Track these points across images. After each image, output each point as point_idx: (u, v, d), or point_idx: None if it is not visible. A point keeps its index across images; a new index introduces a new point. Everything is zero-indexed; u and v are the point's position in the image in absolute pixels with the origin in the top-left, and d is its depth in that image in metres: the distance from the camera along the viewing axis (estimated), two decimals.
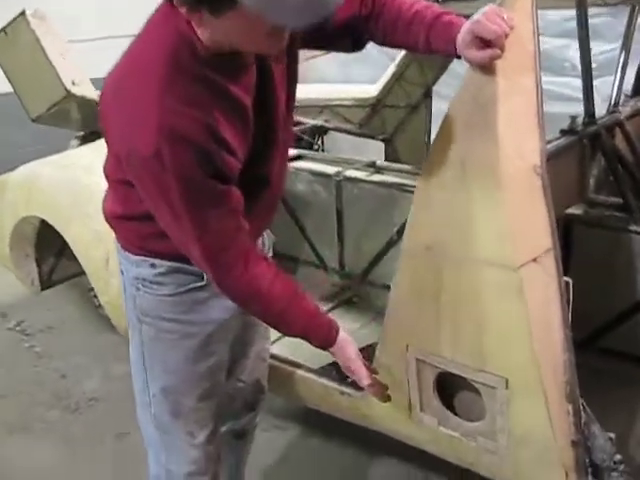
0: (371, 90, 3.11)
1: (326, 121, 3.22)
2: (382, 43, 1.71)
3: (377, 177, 2.66)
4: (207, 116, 1.27)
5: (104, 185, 1.60)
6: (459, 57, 1.54)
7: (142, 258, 1.54)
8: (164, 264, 1.52)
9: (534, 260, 1.58)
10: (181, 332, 1.58)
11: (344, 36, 1.67)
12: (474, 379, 1.71)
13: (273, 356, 2.11)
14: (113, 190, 1.54)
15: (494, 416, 1.72)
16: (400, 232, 2.55)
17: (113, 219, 1.56)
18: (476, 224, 1.58)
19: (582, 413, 1.65)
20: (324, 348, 1.59)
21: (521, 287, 1.56)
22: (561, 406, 1.63)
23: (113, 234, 1.62)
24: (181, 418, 1.66)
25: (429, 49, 1.58)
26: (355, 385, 1.99)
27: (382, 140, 3.22)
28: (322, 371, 2.11)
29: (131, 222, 1.52)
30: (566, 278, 1.63)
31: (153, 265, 1.53)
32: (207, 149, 1.27)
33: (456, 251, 1.63)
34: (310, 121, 3.22)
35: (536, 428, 1.65)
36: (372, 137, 3.23)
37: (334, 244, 2.79)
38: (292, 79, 1.53)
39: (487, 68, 1.52)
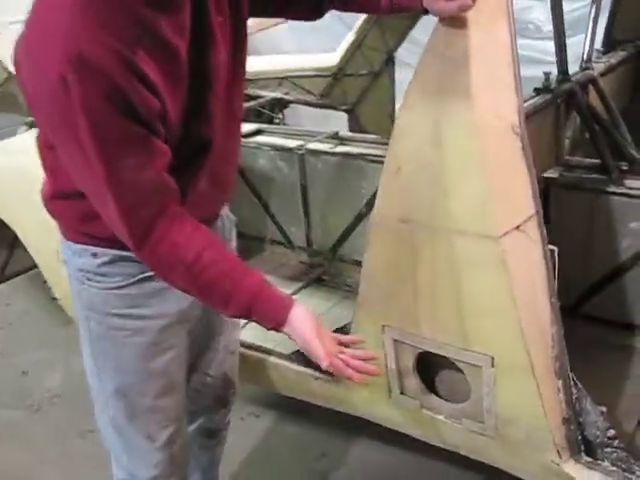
0: (331, 59, 2.92)
1: (286, 93, 3.03)
2: (342, 8, 1.55)
3: (341, 149, 2.49)
4: (124, 46, 1.09)
5: None
6: (426, 12, 1.38)
7: (83, 247, 1.36)
8: (107, 252, 1.35)
9: (517, 228, 1.44)
10: (132, 328, 1.42)
11: (302, 1, 1.51)
12: (457, 358, 1.57)
13: (242, 343, 1.95)
14: (43, 164, 1.36)
15: (480, 396, 1.58)
16: (369, 205, 2.40)
17: (49, 201, 1.38)
18: (453, 192, 1.43)
19: (572, 388, 1.53)
20: (276, 329, 1.32)
21: (504, 258, 1.41)
22: (551, 383, 1.50)
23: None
24: (139, 419, 1.49)
25: (393, 8, 1.43)
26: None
27: (345, 111, 3.04)
28: (294, 357, 1.96)
29: (65, 201, 1.33)
30: (551, 246, 1.50)
31: (95, 254, 1.36)
32: (120, 82, 1.09)
33: (432, 222, 1.47)
34: (269, 94, 3.04)
35: (525, 407, 1.51)
36: (334, 108, 3.06)
37: (300, 221, 2.63)
38: (238, 43, 1.36)
39: (457, 20, 1.36)
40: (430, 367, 1.70)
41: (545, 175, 1.96)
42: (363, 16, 2.78)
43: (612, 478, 1.49)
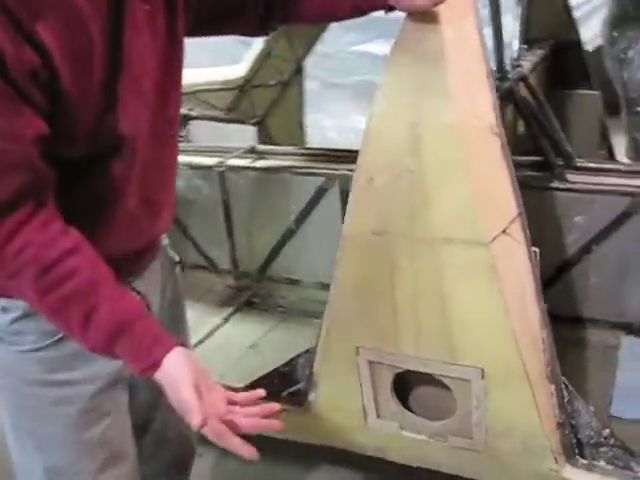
0: (238, 71, 2.75)
1: (190, 110, 2.83)
2: (295, 21, 1.42)
3: (262, 163, 2.33)
4: None
5: None
6: (391, 9, 1.26)
7: None
8: (19, 305, 1.11)
9: (504, 232, 1.35)
10: (54, 397, 1.17)
11: (248, 13, 1.33)
12: (443, 374, 1.46)
13: None
14: None
15: (468, 411, 1.48)
16: (299, 220, 2.26)
17: None
18: (435, 199, 1.32)
19: (564, 391, 1.45)
20: (144, 373, 1.04)
21: (494, 264, 1.32)
22: (544, 388, 1.42)
23: None
24: None
25: (355, 11, 1.30)
26: (294, 398, 1.70)
27: (253, 124, 2.89)
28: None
29: None
30: (533, 247, 1.42)
31: (5, 309, 1.12)
32: None
33: (412, 232, 1.35)
34: None
35: (520, 417, 1.42)
36: (242, 122, 2.89)
37: (224, 242, 2.44)
38: (172, 42, 1.16)
39: (428, 16, 1.25)
40: (404, 386, 1.58)
41: None
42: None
43: (612, 478, 1.43)
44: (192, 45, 1.27)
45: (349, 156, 2.05)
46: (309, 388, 1.65)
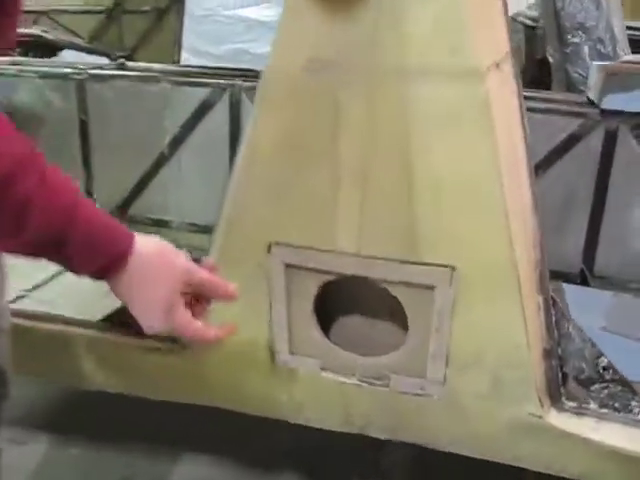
0: None
1: (44, 32, 2.23)
2: None
3: (135, 73, 1.80)
4: None
5: None
6: None
7: None
8: None
9: (497, 66, 0.92)
10: None
11: None
12: (393, 279, 0.99)
13: (19, 314, 1.17)
14: None
15: (422, 337, 1.02)
16: (173, 144, 1.73)
17: None
18: (412, 15, 0.87)
19: (551, 308, 1.03)
20: (109, 268, 0.76)
21: (487, 102, 0.88)
22: (532, 299, 0.99)
23: None
24: None
25: None
26: (173, 336, 1.16)
27: (120, 57, 2.34)
28: (107, 323, 1.22)
29: None
30: None
31: None
32: None
33: (369, 64, 0.90)
34: (23, 30, 2.22)
35: (498, 339, 0.98)
36: (107, 55, 2.33)
37: (77, 170, 1.85)
38: None
39: None
40: (324, 317, 1.10)
41: None
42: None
43: (608, 423, 1.02)
44: None
45: (243, 74, 1.59)
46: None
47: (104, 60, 2.43)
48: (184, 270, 0.80)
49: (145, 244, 0.79)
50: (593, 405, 1.03)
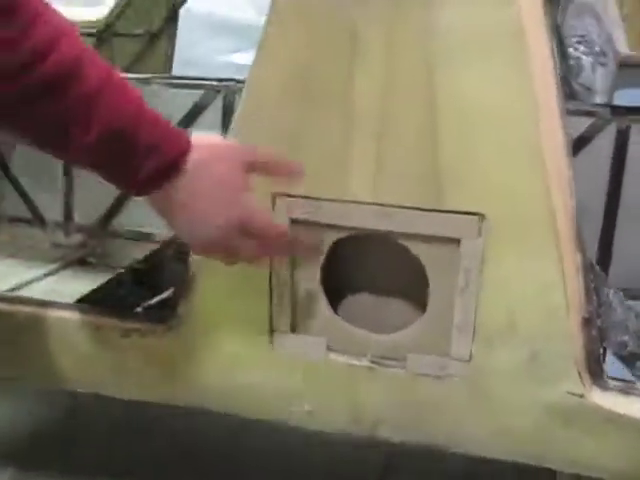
0: (95, 13, 2.14)
1: None
2: None
3: (125, 75, 1.69)
4: None
5: None
6: None
7: None
8: None
9: None
10: None
11: None
12: (414, 231, 0.86)
13: None
14: None
15: (445, 305, 0.88)
16: None
17: None
18: None
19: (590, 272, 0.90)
20: (169, 172, 0.73)
21: (521, 26, 0.78)
22: (571, 256, 0.86)
23: None
24: None
25: None
26: (154, 314, 1.01)
27: None
28: (84, 305, 1.06)
29: None
30: None
31: None
32: None
33: None
34: None
35: (535, 303, 0.84)
36: None
37: (57, 184, 1.72)
38: None
39: None
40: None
41: None
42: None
43: None
44: None
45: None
46: (180, 293, 0.98)
47: None
48: (242, 150, 0.79)
49: (196, 136, 0.77)
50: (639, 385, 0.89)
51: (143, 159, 0.71)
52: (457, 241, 0.85)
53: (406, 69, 0.81)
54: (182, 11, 2.33)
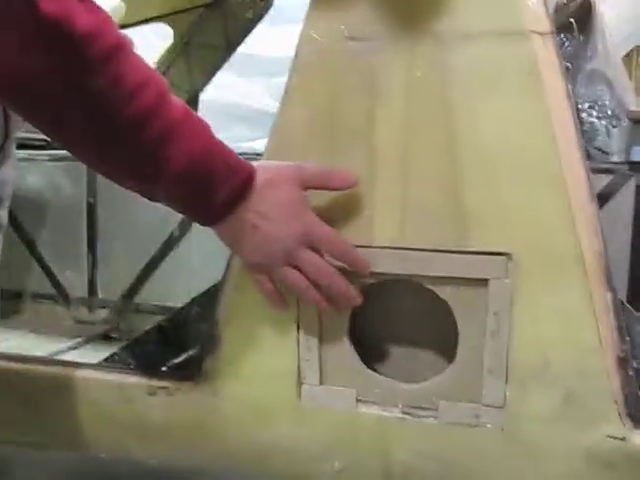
0: None
1: None
2: None
3: None
4: None
5: None
6: None
7: None
8: None
9: (541, 35, 0.86)
10: None
11: None
12: (440, 274, 0.86)
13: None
14: None
15: (475, 349, 0.87)
16: (184, 225, 1.65)
17: None
18: None
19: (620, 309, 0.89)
20: (238, 199, 0.81)
21: (535, 60, 0.81)
22: (601, 294, 0.85)
23: None
24: None
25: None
26: (182, 371, 1.01)
27: None
28: (109, 364, 1.05)
29: None
30: None
31: None
32: None
33: (410, 27, 0.84)
34: (34, 135, 2.22)
35: (568, 342, 0.83)
36: None
37: (81, 260, 1.75)
38: None
39: None
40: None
41: None
42: (167, 43, 2.20)
43: None
44: None
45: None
46: (206, 349, 0.98)
47: None
48: (298, 168, 0.84)
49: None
50: None
51: (220, 185, 0.77)
52: (485, 282, 0.84)
53: (426, 110, 0.83)
54: (202, 99, 2.43)
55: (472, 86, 0.82)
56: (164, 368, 1.01)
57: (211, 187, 0.78)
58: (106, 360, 1.05)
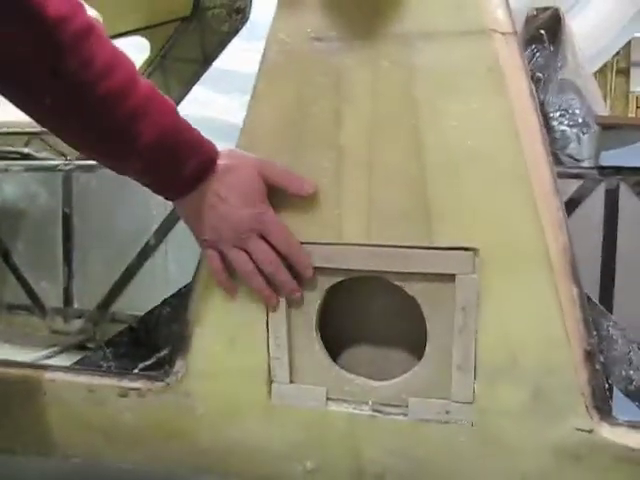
0: None
1: (36, 152, 2.23)
2: None
3: None
4: None
5: None
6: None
7: None
8: None
9: (503, 35, 0.88)
10: None
11: None
12: (407, 269, 0.87)
13: None
14: None
15: (444, 345, 0.87)
16: (159, 233, 1.65)
17: None
18: None
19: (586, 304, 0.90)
20: (203, 174, 0.85)
21: (497, 59, 0.83)
22: (567, 288, 0.86)
23: None
24: None
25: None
26: (152, 374, 1.00)
27: None
28: (79, 367, 1.04)
29: None
30: None
31: None
32: None
33: (374, 28, 0.85)
34: (11, 149, 2.21)
35: (535, 336, 0.83)
36: None
37: (57, 270, 1.74)
38: None
39: None
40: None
41: None
42: (144, 55, 2.21)
43: None
44: None
45: None
46: (178, 350, 0.98)
47: None
48: (259, 161, 0.87)
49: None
50: None
51: (187, 159, 0.81)
52: (452, 278, 0.85)
53: (391, 109, 0.84)
54: None
55: (436, 85, 0.83)
56: (136, 370, 1.01)
57: (178, 161, 0.82)
58: (77, 363, 1.04)
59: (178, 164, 0.82)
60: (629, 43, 6.26)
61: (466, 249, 0.84)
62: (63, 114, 0.77)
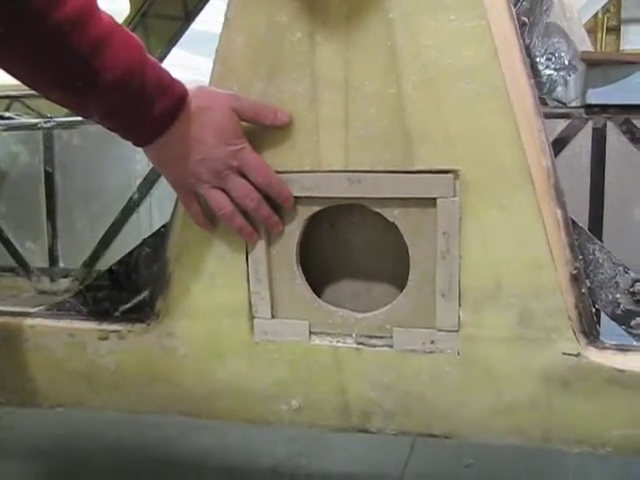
0: None
1: (17, 115, 2.18)
2: None
3: None
4: None
5: None
6: None
7: None
8: None
9: None
10: None
11: None
12: (387, 195, 0.84)
13: None
14: None
15: (427, 272, 0.85)
16: (143, 188, 1.61)
17: None
18: None
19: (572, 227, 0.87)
20: (173, 115, 0.80)
21: None
22: (550, 210, 0.83)
23: None
24: None
25: None
26: (134, 315, 0.98)
27: None
28: (59, 312, 1.02)
29: None
30: None
31: None
32: None
33: None
34: None
35: (520, 260, 0.81)
36: None
37: (41, 230, 1.70)
38: None
39: None
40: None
41: None
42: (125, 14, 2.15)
43: None
44: None
45: None
46: (158, 290, 0.95)
47: None
48: (231, 97, 0.82)
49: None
50: (637, 344, 0.84)
51: (154, 101, 0.76)
52: (433, 202, 0.82)
53: (366, 30, 0.80)
54: None
55: (410, 2, 0.80)
56: (117, 313, 0.98)
57: (144, 102, 0.76)
58: (57, 308, 1.01)
59: (146, 104, 0.76)
60: (620, 0, 6.20)
61: (446, 172, 0.81)
62: (18, 45, 0.71)
